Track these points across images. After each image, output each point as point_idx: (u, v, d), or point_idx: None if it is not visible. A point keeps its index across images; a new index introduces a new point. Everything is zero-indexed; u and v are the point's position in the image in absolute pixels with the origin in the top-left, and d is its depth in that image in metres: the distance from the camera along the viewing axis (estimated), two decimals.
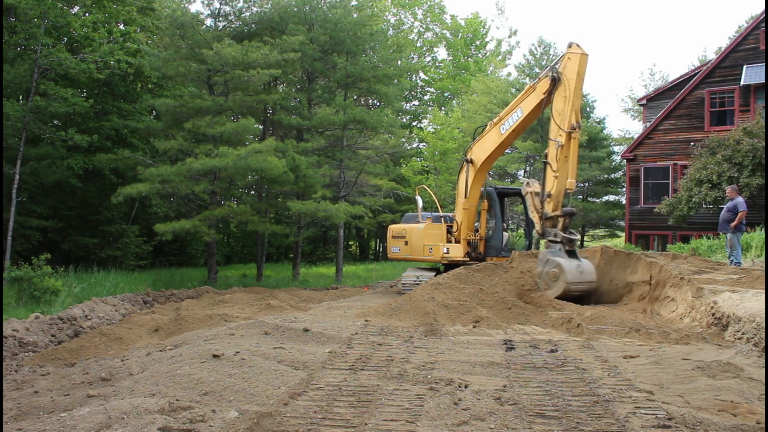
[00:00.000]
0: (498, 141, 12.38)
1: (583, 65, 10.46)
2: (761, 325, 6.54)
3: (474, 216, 13.40)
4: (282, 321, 7.77)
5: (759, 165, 16.77)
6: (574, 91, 10.34)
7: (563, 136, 10.31)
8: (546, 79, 10.93)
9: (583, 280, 9.86)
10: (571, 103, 10.33)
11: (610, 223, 33.67)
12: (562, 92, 10.57)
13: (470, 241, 13.21)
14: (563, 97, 10.51)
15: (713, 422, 4.00)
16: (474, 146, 13.24)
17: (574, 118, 10.32)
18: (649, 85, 42.91)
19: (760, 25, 21.26)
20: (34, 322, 8.96)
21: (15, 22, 17.20)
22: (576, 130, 10.31)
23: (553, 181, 10.55)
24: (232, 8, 20.07)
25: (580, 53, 10.44)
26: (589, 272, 10.04)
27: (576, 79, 10.35)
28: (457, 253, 13.08)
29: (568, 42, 10.75)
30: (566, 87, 10.48)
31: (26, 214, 19.02)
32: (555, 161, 10.49)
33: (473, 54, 44.00)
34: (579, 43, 10.61)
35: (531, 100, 11.47)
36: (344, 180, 22.24)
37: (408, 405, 4.45)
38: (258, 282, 20.12)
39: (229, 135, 17.43)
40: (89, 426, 3.89)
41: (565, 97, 10.44)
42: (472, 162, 13.13)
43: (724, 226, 12.02)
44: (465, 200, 13.20)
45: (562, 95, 10.54)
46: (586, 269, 10.01)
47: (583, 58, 10.44)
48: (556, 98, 10.68)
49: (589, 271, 10.05)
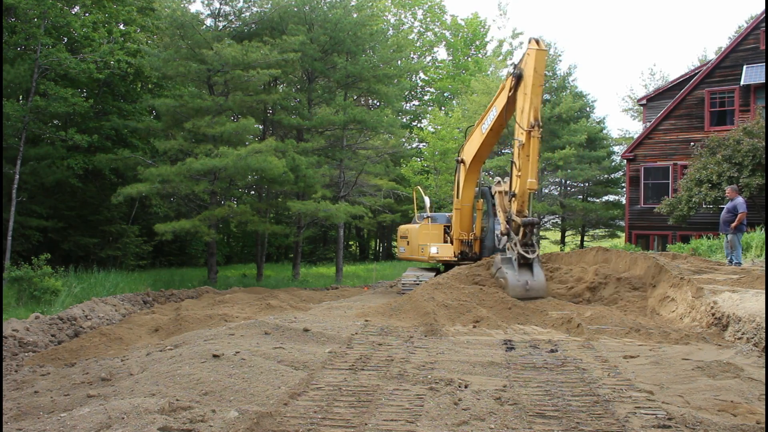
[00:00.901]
0: (480, 140, 12.39)
1: (541, 61, 10.22)
2: (761, 325, 6.54)
3: (468, 216, 13.40)
4: (282, 321, 7.77)
5: (759, 165, 16.77)
6: (533, 88, 10.18)
7: (523, 134, 10.18)
8: (511, 77, 10.89)
9: (528, 296, 9.87)
10: (530, 100, 10.19)
11: (610, 223, 33.65)
12: (522, 90, 10.50)
13: (464, 240, 13.22)
14: (524, 94, 10.43)
15: (713, 422, 4.00)
16: (464, 146, 13.31)
17: (533, 116, 10.14)
18: (649, 85, 42.89)
19: (760, 25, 21.25)
20: (34, 322, 8.95)
21: (15, 22, 17.19)
22: (536, 129, 10.12)
23: (517, 181, 10.40)
24: (232, 8, 20.06)
25: (537, 49, 10.23)
26: (537, 288, 10.01)
27: (534, 76, 10.16)
28: (446, 252, 13.14)
29: (529, 37, 10.60)
30: (525, 84, 10.39)
31: (26, 214, 19.02)
32: (518, 160, 10.36)
33: (473, 54, 43.98)
34: (540, 39, 10.44)
35: (501, 99, 11.41)
36: (344, 180, 22.23)
37: (408, 405, 4.45)
38: (258, 282, 20.12)
39: (229, 135, 17.43)
40: (89, 426, 3.89)
41: (525, 95, 10.35)
42: (463, 162, 13.17)
43: (724, 227, 12.01)
44: (457, 200, 13.30)
45: (523, 93, 10.46)
46: (533, 286, 9.99)
47: (540, 54, 10.21)
48: (518, 96, 10.61)
49: (537, 287, 10.02)
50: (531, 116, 10.13)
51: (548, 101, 31.03)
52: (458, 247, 13.18)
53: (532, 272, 10.10)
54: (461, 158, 13.24)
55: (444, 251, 13.20)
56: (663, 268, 9.70)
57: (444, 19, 43.65)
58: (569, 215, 31.26)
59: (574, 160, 28.81)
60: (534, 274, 10.09)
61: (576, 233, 36.40)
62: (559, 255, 12.41)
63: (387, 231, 37.88)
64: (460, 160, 13.26)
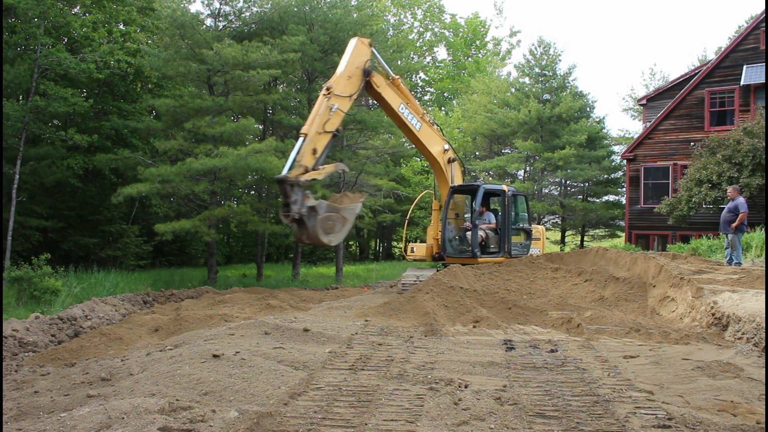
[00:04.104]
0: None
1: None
2: (761, 325, 6.54)
3: (437, 215, 13.44)
4: (282, 321, 7.77)
5: (759, 165, 16.77)
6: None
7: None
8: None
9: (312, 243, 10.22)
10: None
11: (610, 223, 33.65)
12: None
13: (438, 240, 13.35)
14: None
15: (713, 422, 4.00)
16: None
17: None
18: (649, 85, 42.90)
19: (760, 25, 21.26)
20: (34, 322, 8.95)
21: (15, 22, 17.20)
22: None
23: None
24: (232, 8, 20.06)
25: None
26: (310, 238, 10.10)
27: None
28: (421, 252, 13.33)
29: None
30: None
31: (26, 214, 19.01)
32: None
33: (473, 54, 43.99)
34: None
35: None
36: (344, 180, 22.22)
37: (408, 405, 4.45)
38: (258, 282, 20.11)
39: (229, 135, 17.42)
40: (89, 426, 3.89)
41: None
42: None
43: (725, 227, 12.01)
44: (435, 201, 13.55)
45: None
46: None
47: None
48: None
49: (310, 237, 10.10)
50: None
51: (548, 101, 31.03)
52: (436, 246, 13.27)
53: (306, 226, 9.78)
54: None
55: (420, 251, 13.38)
56: (663, 268, 9.70)
57: (443, 18, 43.67)
58: (569, 215, 31.26)
59: (574, 160, 28.81)
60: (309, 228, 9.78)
61: (576, 233, 36.40)
62: (559, 255, 12.42)
63: (387, 231, 37.87)
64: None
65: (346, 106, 10.88)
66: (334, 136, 10.55)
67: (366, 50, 11.33)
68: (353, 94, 11.05)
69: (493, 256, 12.57)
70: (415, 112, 12.51)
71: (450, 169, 13.10)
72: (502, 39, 48.98)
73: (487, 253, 12.66)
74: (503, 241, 12.81)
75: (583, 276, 10.84)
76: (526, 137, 30.21)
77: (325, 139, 10.35)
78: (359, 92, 11.49)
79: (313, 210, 9.63)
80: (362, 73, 11.15)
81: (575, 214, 30.86)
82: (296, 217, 9.54)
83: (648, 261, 10.28)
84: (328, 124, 10.34)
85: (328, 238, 9.87)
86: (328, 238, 9.87)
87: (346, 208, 10.21)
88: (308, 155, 10.02)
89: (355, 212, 10.28)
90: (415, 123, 12.40)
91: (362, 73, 11.15)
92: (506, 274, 11.06)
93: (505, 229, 12.77)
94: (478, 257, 12.23)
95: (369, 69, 11.25)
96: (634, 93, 44.42)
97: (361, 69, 11.13)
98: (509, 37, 61.11)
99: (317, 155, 10.13)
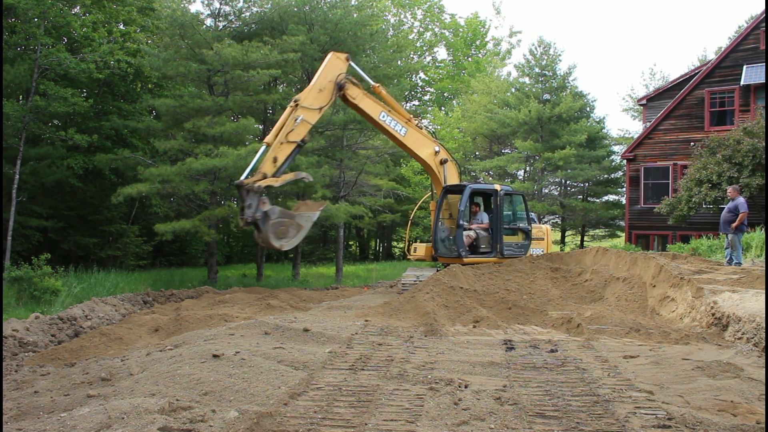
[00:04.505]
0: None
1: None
2: (761, 325, 6.54)
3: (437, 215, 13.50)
4: (282, 321, 7.77)
5: (759, 165, 16.77)
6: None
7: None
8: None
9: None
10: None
11: (610, 223, 33.67)
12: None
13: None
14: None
15: (713, 422, 4.00)
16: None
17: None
18: (649, 85, 42.89)
19: (760, 25, 21.25)
20: (34, 322, 8.95)
21: (15, 22, 17.20)
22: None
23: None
24: (232, 8, 20.05)
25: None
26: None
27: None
28: (421, 252, 13.46)
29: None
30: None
31: (26, 214, 19.01)
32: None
33: (473, 54, 43.98)
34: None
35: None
36: (344, 180, 22.21)
37: (408, 405, 4.45)
38: (258, 282, 20.11)
39: (229, 135, 17.42)
40: (89, 426, 3.89)
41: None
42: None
43: (725, 227, 12.01)
44: (433, 202, 13.57)
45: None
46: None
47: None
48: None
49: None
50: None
51: (548, 101, 31.03)
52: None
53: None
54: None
55: (420, 251, 13.49)
56: (663, 268, 9.70)
57: (443, 18, 43.66)
58: (569, 215, 31.27)
59: (574, 160, 28.81)
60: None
61: (576, 233, 36.40)
62: (559, 255, 12.41)
63: (387, 231, 37.86)
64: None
65: (313, 118, 11.37)
66: (299, 146, 11.09)
67: (341, 64, 11.82)
68: (323, 106, 11.51)
69: (485, 256, 12.50)
70: (400, 118, 12.66)
71: (443, 171, 13.16)
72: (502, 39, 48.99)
73: (479, 254, 12.59)
74: (495, 241, 12.72)
75: (583, 276, 10.84)
76: (526, 137, 30.21)
77: (288, 148, 10.92)
78: (331, 104, 11.94)
79: (267, 215, 10.14)
80: (335, 86, 11.63)
81: (575, 214, 30.86)
82: (249, 220, 10.11)
83: (648, 261, 10.27)
84: (292, 134, 10.92)
85: (279, 243, 10.36)
86: (280, 242, 10.36)
87: (301, 215, 10.72)
88: (269, 163, 10.67)
89: (312, 220, 10.72)
90: (399, 129, 12.57)
91: (335, 86, 11.63)
92: (506, 274, 11.05)
93: (497, 229, 12.68)
94: (463, 257, 12.22)
95: (342, 83, 11.67)
96: (634, 93, 44.42)
97: (333, 82, 11.62)
98: (509, 37, 61.07)
99: (277, 164, 10.72)
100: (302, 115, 11.08)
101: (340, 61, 11.84)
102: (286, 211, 10.73)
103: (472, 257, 12.34)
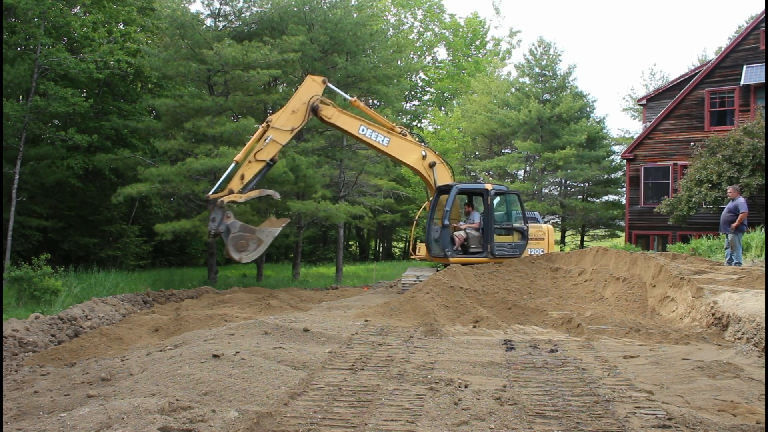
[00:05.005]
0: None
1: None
2: (761, 325, 6.54)
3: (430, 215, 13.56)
4: (282, 321, 7.77)
5: (759, 165, 16.76)
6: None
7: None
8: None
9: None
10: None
11: (610, 223, 33.66)
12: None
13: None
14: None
15: (713, 422, 4.00)
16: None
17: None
18: (649, 85, 42.88)
19: (760, 25, 21.25)
20: (34, 322, 8.95)
21: (15, 22, 17.19)
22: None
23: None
24: (232, 8, 20.05)
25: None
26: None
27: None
28: (423, 251, 13.65)
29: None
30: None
31: (26, 214, 19.01)
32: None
33: (473, 54, 43.97)
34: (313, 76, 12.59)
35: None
36: (344, 180, 22.21)
37: (408, 405, 4.45)
38: (258, 282, 20.11)
39: (229, 135, 17.42)
40: (89, 426, 3.89)
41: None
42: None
43: (725, 227, 12.00)
44: (428, 202, 13.72)
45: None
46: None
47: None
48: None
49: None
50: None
51: (548, 101, 31.03)
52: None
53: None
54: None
55: (423, 250, 13.66)
56: (663, 268, 9.70)
57: (443, 18, 43.65)
58: (569, 215, 31.27)
59: (574, 160, 28.81)
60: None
61: (576, 233, 36.40)
62: (559, 255, 12.40)
63: (387, 231, 37.86)
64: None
65: (284, 139, 11.89)
66: (267, 165, 11.72)
67: (316, 87, 12.31)
68: (295, 128, 12.07)
69: (475, 256, 12.49)
70: (381, 129, 12.85)
71: (432, 174, 13.24)
72: (502, 39, 48.98)
73: (469, 254, 12.56)
74: (486, 241, 12.67)
75: (583, 276, 10.84)
76: (526, 137, 30.20)
77: (256, 167, 11.60)
78: (304, 125, 12.48)
79: (228, 229, 11.12)
80: (308, 107, 12.10)
81: (575, 214, 30.86)
82: (212, 233, 11.21)
83: (648, 261, 10.27)
84: (260, 153, 11.58)
85: (239, 255, 11.28)
86: (239, 255, 11.29)
87: (262, 230, 11.51)
88: (236, 180, 11.46)
89: (273, 235, 11.50)
90: (381, 140, 12.76)
91: (308, 108, 12.10)
92: (506, 274, 11.05)
93: (488, 228, 12.66)
94: (449, 257, 12.26)
95: (315, 105, 12.12)
96: (634, 93, 44.41)
97: (306, 104, 12.08)
98: (509, 37, 61.07)
99: (244, 181, 11.47)
100: (272, 136, 11.64)
101: (316, 83, 12.34)
102: (248, 226, 11.51)
103: (460, 257, 12.37)
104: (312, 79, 12.41)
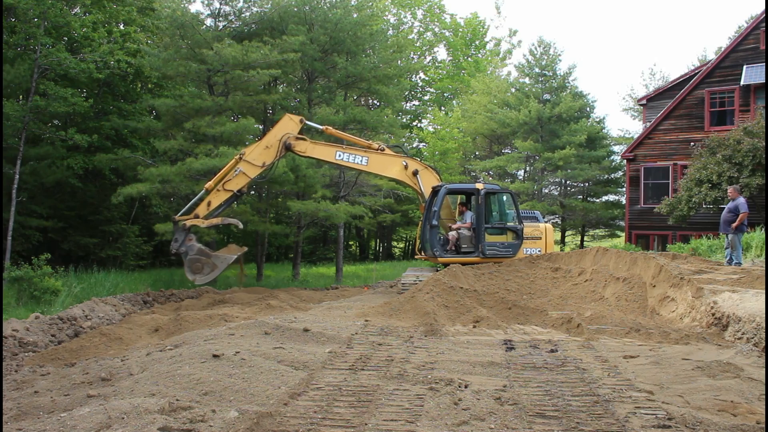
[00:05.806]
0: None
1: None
2: (761, 325, 6.54)
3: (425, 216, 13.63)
4: (282, 321, 7.77)
5: (759, 165, 16.77)
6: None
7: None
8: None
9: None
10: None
11: (610, 223, 33.66)
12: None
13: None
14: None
15: (713, 422, 4.00)
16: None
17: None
18: (649, 85, 42.88)
19: (760, 25, 21.25)
20: (34, 322, 8.95)
21: (15, 22, 17.20)
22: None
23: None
24: (232, 8, 20.05)
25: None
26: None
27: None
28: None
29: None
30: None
31: (26, 214, 19.01)
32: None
33: (473, 54, 43.97)
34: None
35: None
36: (344, 180, 22.21)
37: (408, 405, 4.45)
38: (258, 282, 20.11)
39: (229, 135, 17.42)
40: (89, 426, 3.89)
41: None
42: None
43: (725, 227, 12.00)
44: (422, 205, 13.84)
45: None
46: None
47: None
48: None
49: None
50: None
51: (548, 101, 31.03)
52: None
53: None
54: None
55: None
56: (663, 268, 9.70)
57: (443, 18, 43.65)
58: (569, 215, 31.27)
59: (574, 160, 28.81)
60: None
61: (576, 233, 36.40)
62: (559, 255, 12.39)
63: (387, 231, 37.85)
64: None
65: (253, 173, 12.45)
66: (235, 195, 12.37)
67: (292, 125, 12.82)
68: (267, 163, 12.58)
69: (467, 256, 12.48)
70: (357, 150, 13.21)
71: (418, 181, 13.40)
72: (502, 39, 48.96)
73: (461, 254, 12.54)
74: (477, 241, 12.62)
75: (583, 276, 10.83)
76: (526, 137, 30.20)
77: (224, 196, 12.23)
78: (277, 160, 12.97)
79: (186, 251, 11.98)
80: (281, 144, 12.61)
81: (575, 214, 30.86)
82: (173, 252, 12.13)
83: (648, 261, 10.27)
84: (229, 183, 12.21)
85: (193, 277, 11.99)
86: (194, 276, 11.99)
87: (218, 256, 12.27)
88: (203, 205, 12.14)
89: (228, 262, 12.20)
90: (359, 161, 13.10)
91: (281, 145, 12.62)
92: (506, 274, 11.05)
93: (479, 228, 12.61)
94: (437, 256, 12.36)
95: (288, 143, 12.63)
96: (634, 93, 44.41)
97: (280, 141, 12.59)
98: (509, 37, 61.08)
99: (210, 208, 12.15)
100: (242, 168, 12.22)
101: (293, 122, 12.84)
102: (205, 250, 12.22)
103: (451, 257, 12.38)
104: (289, 118, 12.93)
